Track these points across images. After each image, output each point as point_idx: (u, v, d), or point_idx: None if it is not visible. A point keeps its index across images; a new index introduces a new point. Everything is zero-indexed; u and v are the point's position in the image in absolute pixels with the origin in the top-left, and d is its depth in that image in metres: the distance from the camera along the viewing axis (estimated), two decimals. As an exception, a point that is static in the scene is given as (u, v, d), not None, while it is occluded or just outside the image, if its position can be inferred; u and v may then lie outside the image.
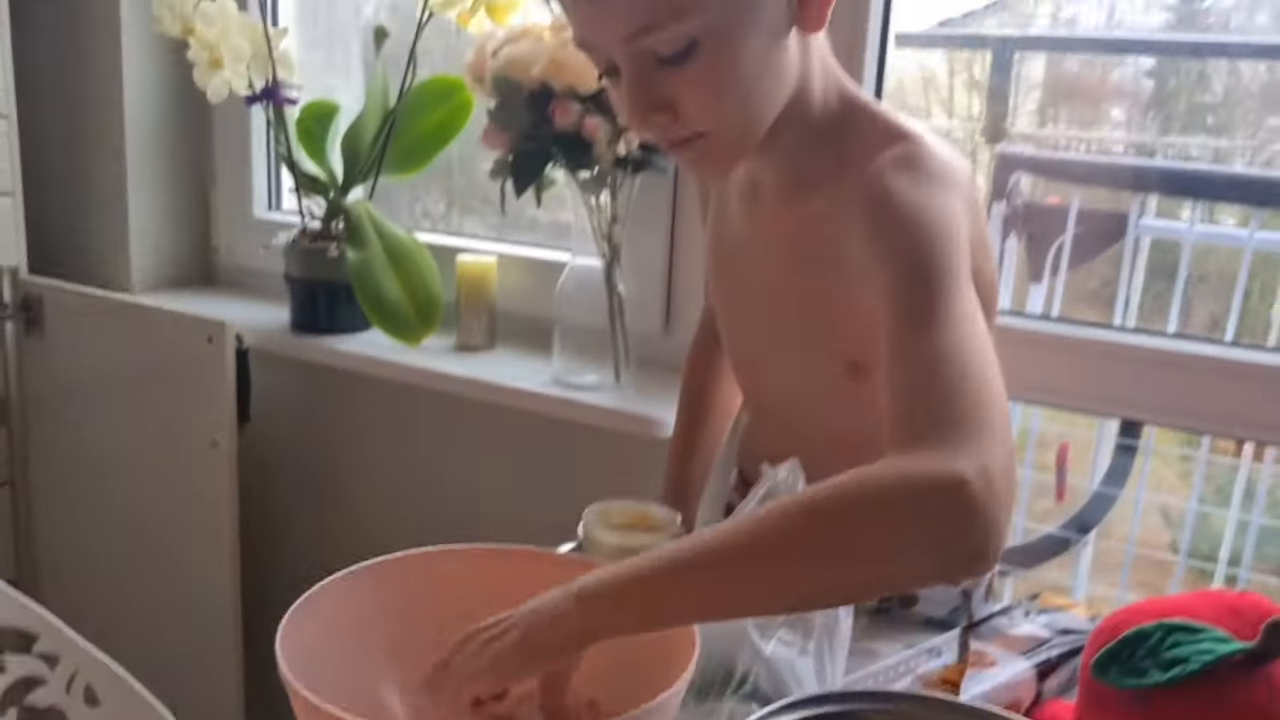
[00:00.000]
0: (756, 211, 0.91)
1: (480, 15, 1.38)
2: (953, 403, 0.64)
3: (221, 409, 1.47)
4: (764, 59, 0.77)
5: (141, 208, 1.71)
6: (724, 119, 0.78)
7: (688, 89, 0.76)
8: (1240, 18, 2.75)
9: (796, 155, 0.85)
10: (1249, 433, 1.15)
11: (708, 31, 0.73)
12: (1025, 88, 3.03)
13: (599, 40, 0.77)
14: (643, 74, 0.76)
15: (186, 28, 1.42)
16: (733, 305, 1.01)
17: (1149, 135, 2.98)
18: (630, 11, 0.73)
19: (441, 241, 1.56)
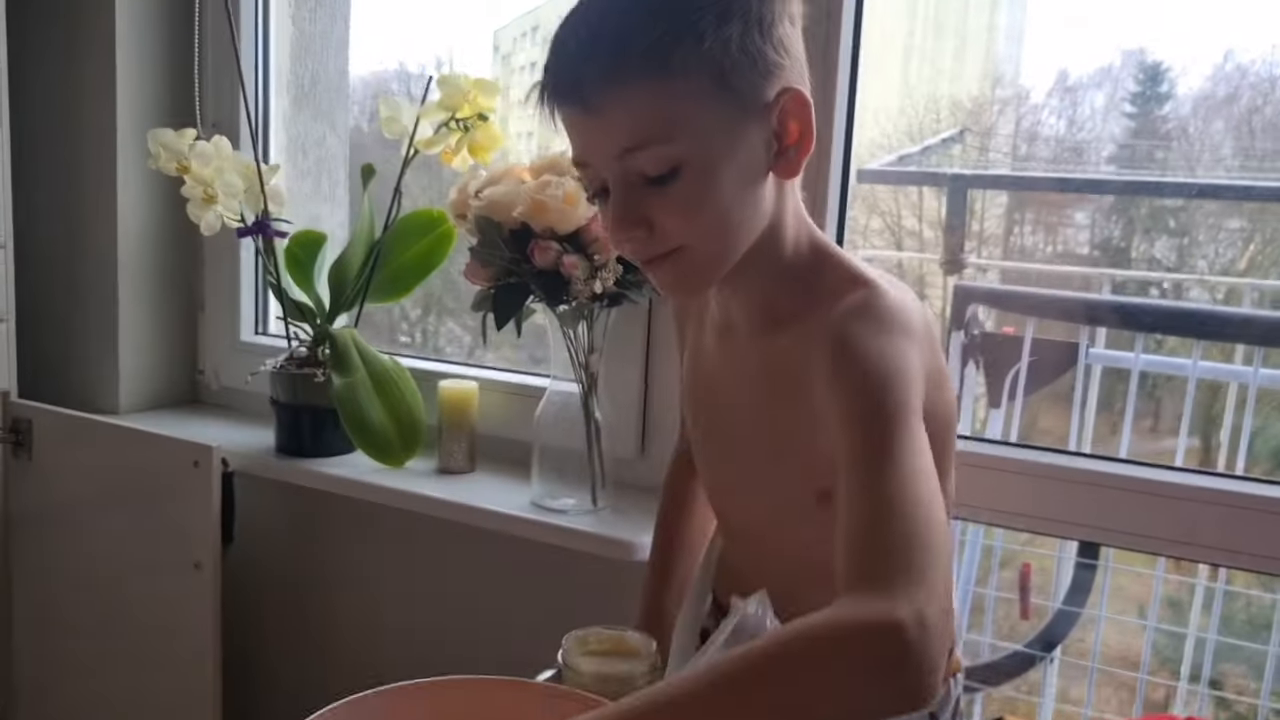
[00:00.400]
0: (730, 344, 0.97)
1: (463, 154, 1.46)
2: (894, 548, 0.69)
3: (205, 531, 1.49)
4: (740, 191, 0.83)
5: (131, 332, 1.75)
6: (698, 236, 0.84)
7: (668, 207, 0.82)
8: (1197, 125, 2.88)
9: (767, 292, 0.91)
10: (1202, 555, 1.20)
11: (692, 157, 0.80)
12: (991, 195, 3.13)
13: (593, 157, 0.83)
14: (629, 190, 0.82)
15: (182, 166, 1.49)
16: (708, 435, 1.05)
17: (1113, 234, 3.08)
18: (624, 130, 0.79)
19: (424, 366, 1.61)
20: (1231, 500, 1.13)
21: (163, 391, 1.81)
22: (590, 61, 0.79)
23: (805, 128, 0.83)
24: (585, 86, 0.79)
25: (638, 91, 0.78)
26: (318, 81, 1.84)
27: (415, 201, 1.63)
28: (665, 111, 0.79)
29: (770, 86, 0.81)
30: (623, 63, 0.78)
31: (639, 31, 0.77)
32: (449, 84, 1.43)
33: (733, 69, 0.79)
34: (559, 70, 0.82)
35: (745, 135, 0.81)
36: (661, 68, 0.77)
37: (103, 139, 1.69)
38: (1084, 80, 2.96)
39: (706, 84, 0.79)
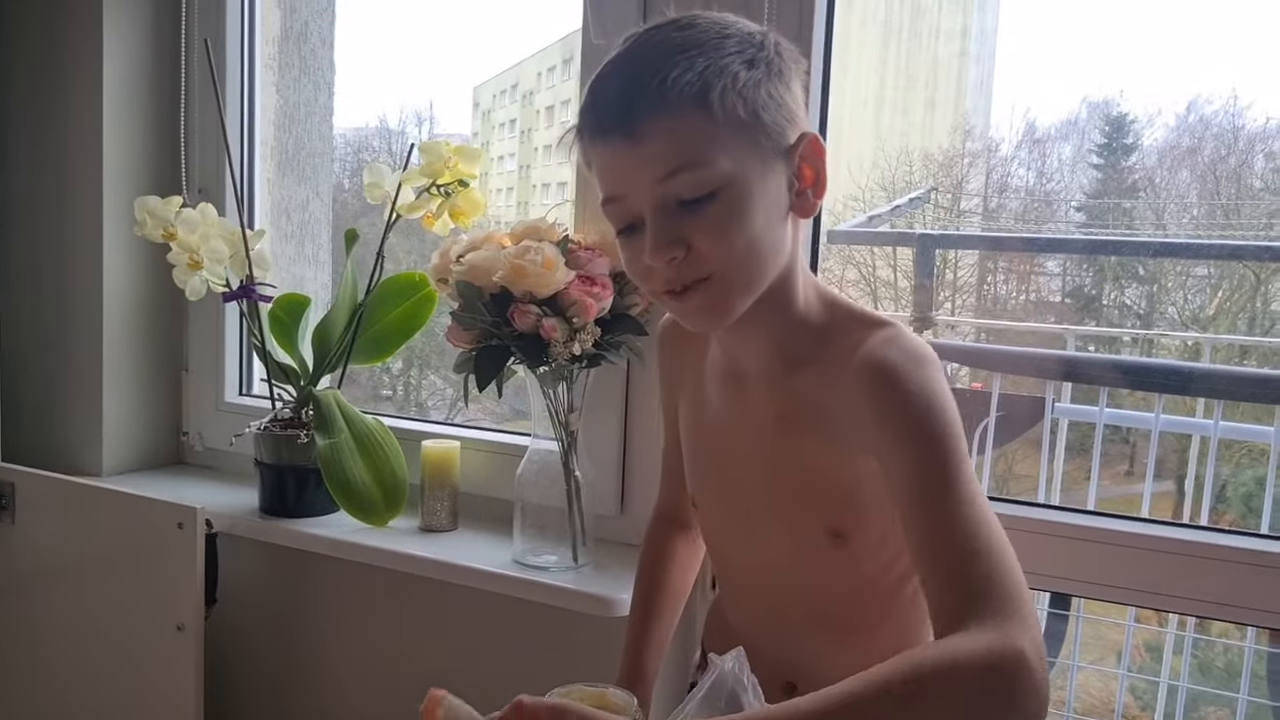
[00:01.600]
0: (740, 392, 1.00)
1: (444, 218, 1.50)
2: (993, 581, 0.75)
3: (189, 593, 1.50)
4: (768, 223, 0.88)
5: (115, 395, 1.77)
6: (730, 261, 0.88)
7: (704, 229, 0.86)
8: (1163, 175, 2.95)
9: (782, 337, 0.95)
10: (1169, 605, 1.22)
11: (728, 181, 0.85)
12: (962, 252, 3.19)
13: (631, 187, 0.88)
14: (667, 213, 0.87)
15: (168, 232, 1.52)
16: (713, 486, 1.07)
17: (1084, 282, 3.13)
18: (666, 155, 0.85)
19: (407, 426, 1.63)
20: (1196, 551, 1.17)
21: (147, 453, 1.83)
22: (636, 96, 0.85)
23: (820, 172, 0.90)
24: (632, 117, 0.85)
25: (680, 118, 0.84)
26: (302, 147, 1.88)
27: (399, 263, 1.67)
28: (705, 138, 0.84)
29: (792, 131, 0.88)
30: (667, 93, 0.83)
31: (680, 68, 0.84)
32: (431, 151, 1.47)
33: (763, 108, 0.86)
34: (602, 106, 0.87)
35: (773, 171, 0.88)
36: (702, 98, 0.83)
37: (89, 205, 1.72)
38: (1051, 133, 3.03)
39: (742, 116, 0.85)
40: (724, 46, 0.86)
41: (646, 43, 0.88)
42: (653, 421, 1.43)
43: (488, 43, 2.53)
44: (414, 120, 2.63)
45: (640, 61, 0.86)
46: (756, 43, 0.88)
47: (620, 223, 0.91)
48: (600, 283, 1.32)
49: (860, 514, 0.93)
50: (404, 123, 2.61)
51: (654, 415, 1.43)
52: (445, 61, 2.52)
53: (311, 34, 1.86)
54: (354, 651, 1.64)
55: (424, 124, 2.61)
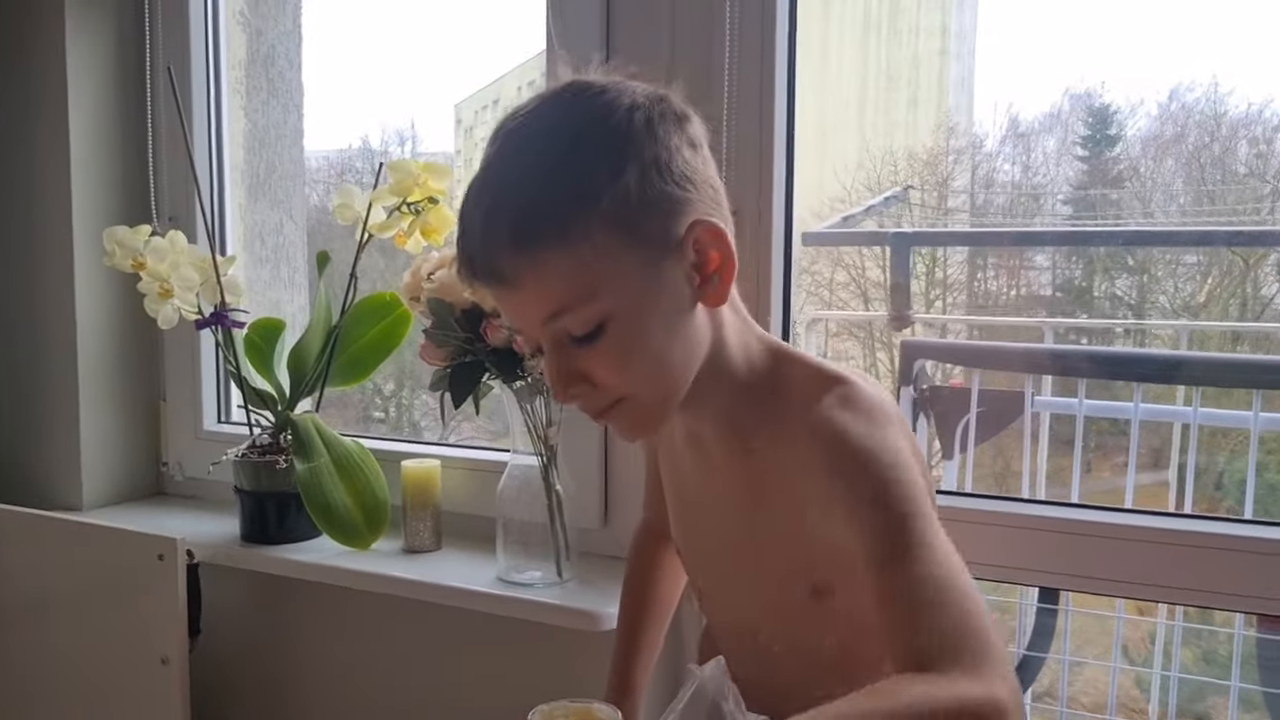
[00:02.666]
0: (706, 466, 0.97)
1: (416, 236, 1.49)
2: (969, 628, 0.73)
3: (172, 625, 1.48)
4: (669, 331, 0.84)
5: (93, 427, 1.75)
6: (637, 384, 0.85)
7: (600, 362, 0.83)
8: (1148, 165, 2.95)
9: (730, 411, 0.91)
10: (1157, 595, 1.21)
11: (614, 312, 0.81)
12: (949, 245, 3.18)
13: (521, 324, 0.86)
14: (561, 351, 0.84)
15: (137, 262, 1.50)
16: (693, 545, 1.05)
17: (1074, 275, 3.12)
18: (542, 299, 0.81)
19: (386, 447, 1.62)
20: (1180, 540, 1.15)
21: (126, 485, 1.81)
22: (495, 242, 0.80)
23: (725, 253, 0.83)
24: (496, 265, 0.81)
25: (546, 263, 0.79)
26: (273, 171, 1.87)
27: (375, 283, 1.66)
28: (578, 276, 0.80)
29: (679, 224, 0.82)
30: (525, 240, 0.79)
31: (534, 207, 0.79)
32: (399, 169, 1.45)
33: (636, 219, 0.80)
34: (469, 250, 0.83)
35: (663, 277, 0.82)
36: (563, 238, 0.79)
37: (59, 237, 1.71)
38: (1035, 126, 3.04)
39: (612, 240, 0.80)
40: (582, 158, 0.80)
41: (504, 165, 0.83)
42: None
43: (467, 59, 2.53)
44: (396, 140, 2.62)
45: (495, 197, 0.81)
46: (622, 134, 0.80)
47: (530, 347, 0.91)
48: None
49: (843, 568, 0.87)
50: (386, 143, 2.60)
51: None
52: (425, 80, 2.51)
53: (278, 57, 1.85)
54: (341, 676, 1.62)
55: (406, 143, 2.61)
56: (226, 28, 1.77)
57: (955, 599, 0.74)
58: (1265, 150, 2.73)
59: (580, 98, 0.83)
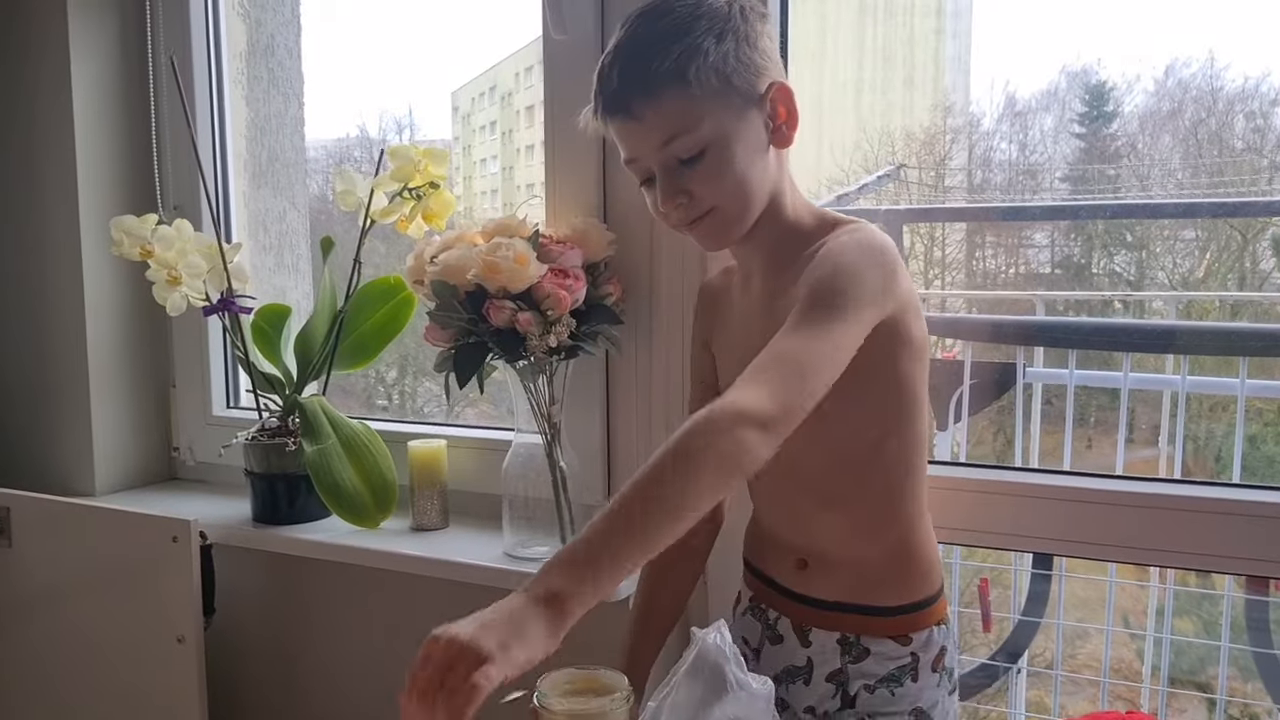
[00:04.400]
0: (748, 290, 1.17)
1: (418, 221, 1.51)
2: (772, 372, 0.92)
3: (187, 605, 1.52)
4: (751, 160, 1.07)
5: (104, 414, 1.78)
6: (724, 198, 1.07)
7: (701, 179, 1.06)
8: (1145, 141, 2.96)
9: (775, 244, 1.12)
10: (1149, 559, 1.24)
11: (712, 139, 1.04)
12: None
13: (640, 153, 1.07)
14: (670, 171, 1.07)
15: (145, 250, 1.53)
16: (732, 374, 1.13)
17: (1073, 252, 3.13)
18: (660, 128, 1.04)
19: (393, 428, 1.65)
20: (1169, 504, 1.18)
21: (138, 470, 1.84)
22: (629, 84, 1.04)
23: (791, 109, 1.08)
24: (631, 104, 1.05)
25: (667, 99, 1.03)
26: (275, 159, 1.89)
27: (379, 268, 1.68)
28: (689, 109, 1.03)
29: (761, 83, 1.06)
30: (653, 81, 1.03)
31: (661, 57, 1.03)
32: (399, 155, 1.48)
33: (732, 73, 1.04)
34: (607, 95, 1.06)
35: (749, 119, 1.06)
36: (681, 79, 1.02)
37: (66, 227, 1.73)
38: (1032, 104, 3.04)
39: (715, 85, 1.03)
40: (695, 28, 1.03)
41: (635, 33, 1.06)
42: (634, 409, 1.45)
43: (463, 46, 2.54)
44: (394, 128, 2.64)
45: (630, 53, 1.05)
46: (724, 15, 1.05)
47: (640, 176, 1.10)
48: (573, 275, 1.33)
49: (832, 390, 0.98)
50: (384, 131, 2.62)
51: (635, 403, 1.45)
52: (422, 67, 2.52)
53: (278, 46, 1.87)
54: (352, 652, 1.66)
55: (404, 131, 2.62)
56: (227, 18, 1.79)
57: (794, 356, 0.93)
58: (1262, 125, 2.73)
59: None
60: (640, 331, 1.43)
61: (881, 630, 1.11)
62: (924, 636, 1.11)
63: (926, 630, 1.11)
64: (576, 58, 1.42)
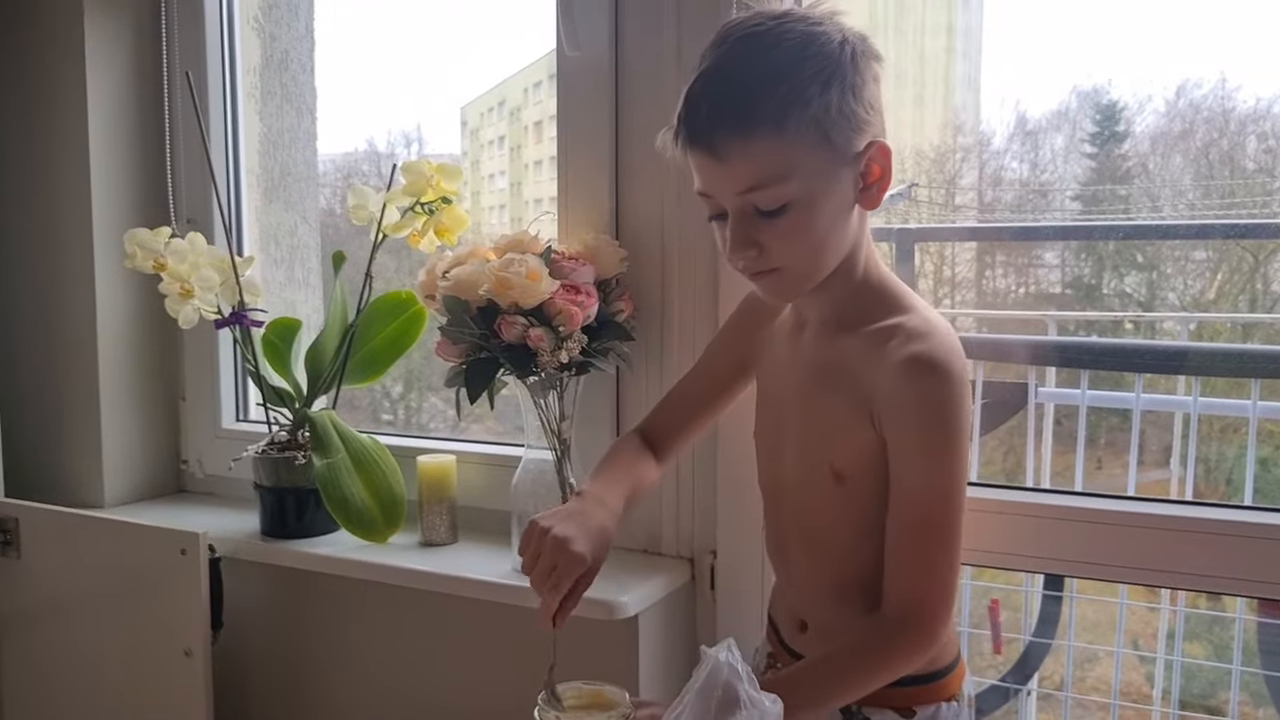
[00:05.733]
0: (798, 341, 1.13)
1: (429, 236, 1.52)
2: (931, 583, 1.00)
3: (195, 618, 1.52)
4: (834, 223, 1.01)
5: (114, 426, 1.79)
6: (797, 261, 1.02)
7: (776, 236, 0.99)
8: (1157, 161, 2.95)
9: (839, 303, 1.08)
10: (1160, 580, 1.23)
11: (799, 196, 0.98)
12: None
13: (715, 191, 1.01)
14: (746, 220, 1.00)
15: (158, 263, 1.54)
16: (767, 412, 1.19)
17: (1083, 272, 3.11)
18: (746, 175, 0.97)
19: (402, 443, 1.65)
20: (1181, 525, 1.17)
21: (147, 483, 1.84)
22: (722, 121, 0.96)
23: (886, 170, 1.01)
24: (717, 141, 0.97)
25: (759, 145, 0.96)
26: (287, 173, 1.90)
27: (389, 282, 1.68)
28: (780, 160, 0.96)
29: (861, 139, 0.99)
30: (748, 123, 0.95)
31: (761, 97, 0.95)
32: (412, 170, 1.48)
33: (833, 127, 0.97)
34: (694, 124, 0.98)
35: (840, 178, 0.99)
36: (778, 126, 0.95)
37: (79, 239, 1.74)
38: (1043, 124, 3.03)
39: (813, 138, 0.96)
40: (803, 69, 0.95)
41: (736, 60, 0.98)
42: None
43: (472, 61, 2.55)
44: (402, 142, 2.64)
45: (728, 85, 0.97)
46: (833, 59, 0.96)
47: (711, 211, 1.04)
48: (585, 291, 1.33)
49: (858, 463, 1.05)
50: (392, 145, 2.62)
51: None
52: (431, 82, 2.53)
53: (292, 61, 1.88)
54: (360, 667, 1.65)
55: (412, 145, 2.63)
56: (241, 33, 1.80)
57: (938, 559, 0.99)
58: (1274, 146, 2.72)
59: (803, 23, 0.99)
60: (651, 348, 1.43)
61: (882, 701, 1.06)
62: (929, 712, 1.07)
63: (934, 706, 1.07)
64: (589, 74, 1.42)
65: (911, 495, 1.01)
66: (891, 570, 1.02)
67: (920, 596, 0.99)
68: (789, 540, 1.15)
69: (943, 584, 0.99)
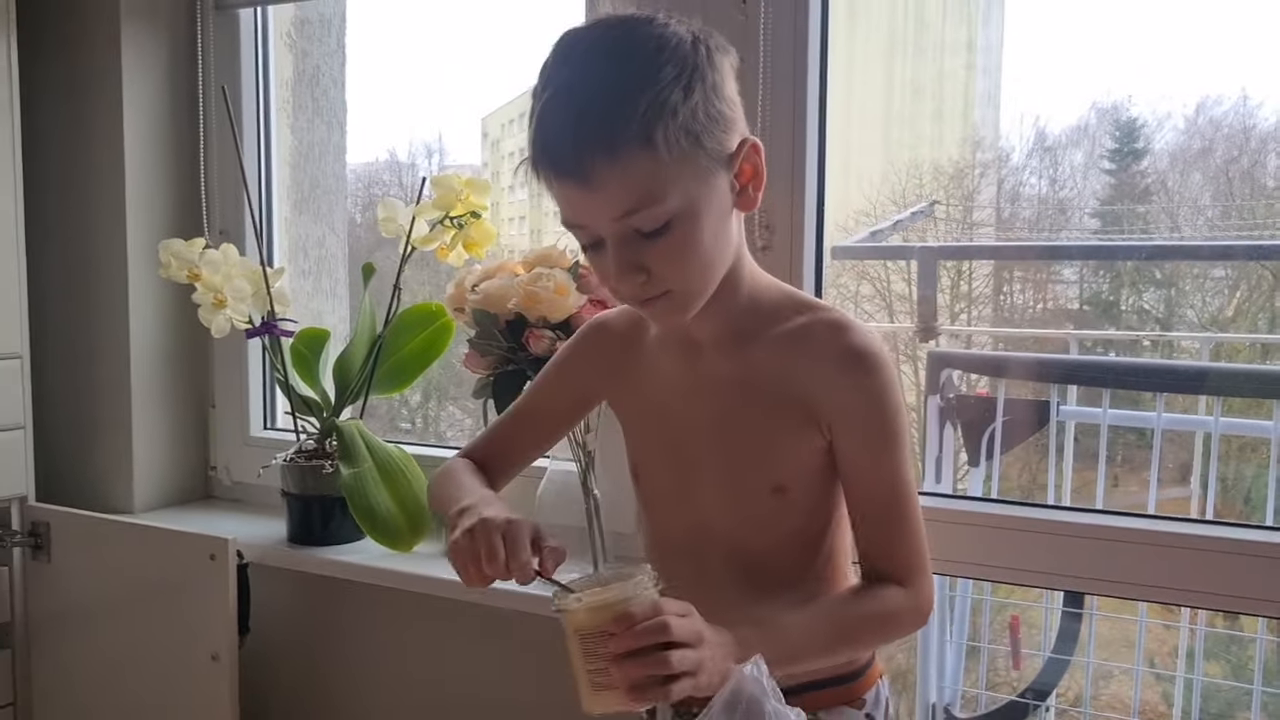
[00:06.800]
0: (694, 360, 1.06)
1: (458, 249, 1.54)
2: (918, 554, 1.02)
3: (222, 623, 1.54)
4: (716, 232, 0.95)
5: (144, 433, 1.81)
6: (687, 279, 0.96)
7: (662, 257, 0.93)
8: (1176, 178, 2.95)
9: (733, 315, 1.02)
10: (1180, 599, 1.24)
11: (680, 213, 0.91)
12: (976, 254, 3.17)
13: (589, 221, 0.93)
14: (625, 246, 0.93)
15: (192, 273, 1.57)
16: (658, 448, 1.11)
17: (1101, 289, 3.11)
18: (622, 199, 0.90)
19: (428, 453, 1.67)
20: (1201, 544, 1.18)
21: (175, 489, 1.87)
22: (586, 147, 0.88)
23: (758, 169, 0.96)
24: (584, 166, 0.89)
25: (631, 166, 0.88)
26: (316, 186, 1.93)
27: (414, 294, 1.71)
28: (654, 178, 0.89)
29: (732, 139, 0.94)
30: (615, 144, 0.88)
31: (623, 115, 0.87)
32: (442, 184, 1.51)
33: (703, 132, 0.91)
34: (555, 153, 0.91)
35: (715, 184, 0.94)
36: (648, 142, 0.88)
37: (114, 249, 1.77)
38: (1062, 140, 3.04)
39: (685, 148, 0.90)
40: (660, 76, 0.88)
41: (586, 77, 0.90)
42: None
43: (494, 72, 2.57)
44: (424, 152, 2.67)
45: (583, 104, 0.89)
46: (689, 60, 0.90)
47: (584, 241, 0.96)
48: (610, 306, 1.35)
49: (801, 472, 1.03)
50: (413, 155, 2.65)
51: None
52: (453, 93, 2.56)
53: (323, 76, 1.91)
54: (384, 674, 1.67)
55: (434, 156, 2.66)
56: (275, 48, 1.83)
57: (913, 525, 1.01)
58: (1295, 164, 2.72)
59: (647, 25, 0.92)
60: (675, 362, 1.45)
61: (837, 700, 1.07)
62: (873, 695, 1.09)
63: (874, 687, 1.10)
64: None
65: (883, 482, 1.01)
66: (881, 548, 1.02)
67: (919, 565, 1.02)
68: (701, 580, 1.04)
69: (924, 549, 1.03)
